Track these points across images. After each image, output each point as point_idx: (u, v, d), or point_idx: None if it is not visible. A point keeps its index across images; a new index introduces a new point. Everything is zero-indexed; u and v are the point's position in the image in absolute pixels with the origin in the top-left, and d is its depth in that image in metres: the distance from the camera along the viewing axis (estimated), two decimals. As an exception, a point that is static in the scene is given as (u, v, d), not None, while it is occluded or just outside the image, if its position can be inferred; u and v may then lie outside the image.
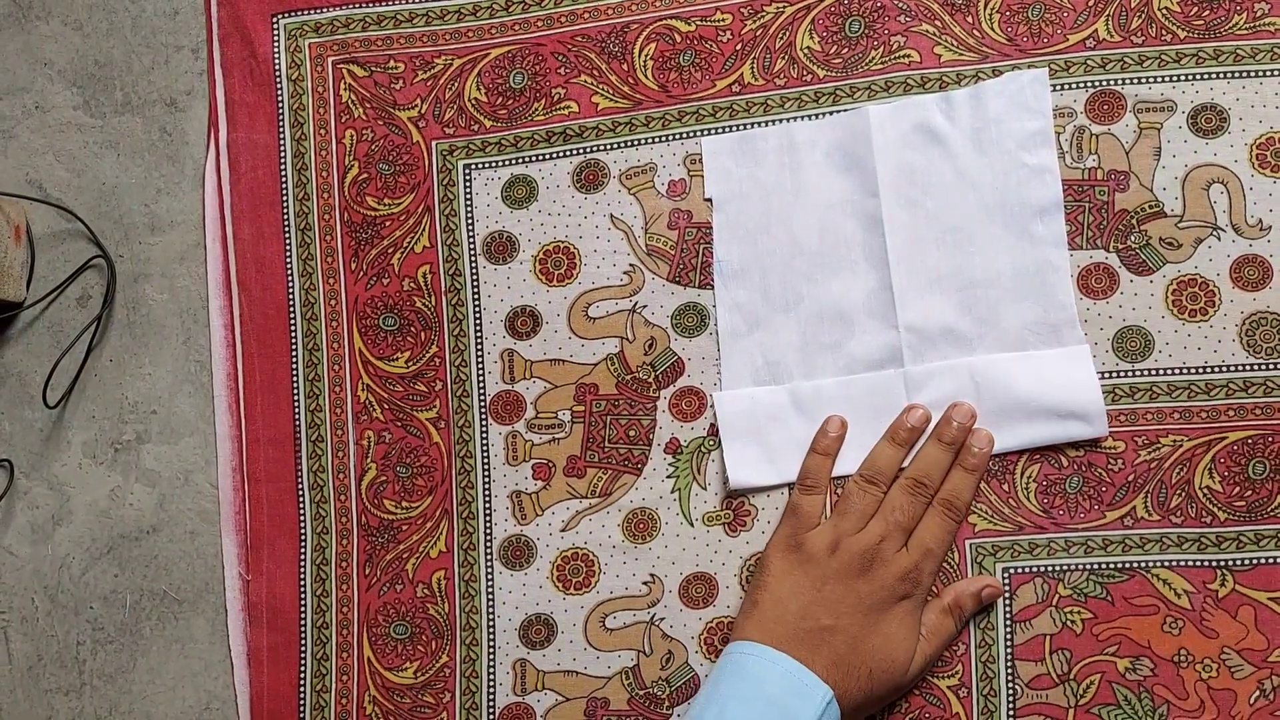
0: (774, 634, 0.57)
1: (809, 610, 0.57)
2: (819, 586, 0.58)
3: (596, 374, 0.65)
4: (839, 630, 0.57)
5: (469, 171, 0.67)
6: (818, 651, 0.56)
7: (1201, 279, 0.60)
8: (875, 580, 0.58)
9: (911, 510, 0.60)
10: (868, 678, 0.56)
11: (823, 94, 0.64)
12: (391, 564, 0.65)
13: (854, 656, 0.56)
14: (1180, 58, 0.61)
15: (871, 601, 0.58)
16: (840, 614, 0.57)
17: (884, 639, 0.57)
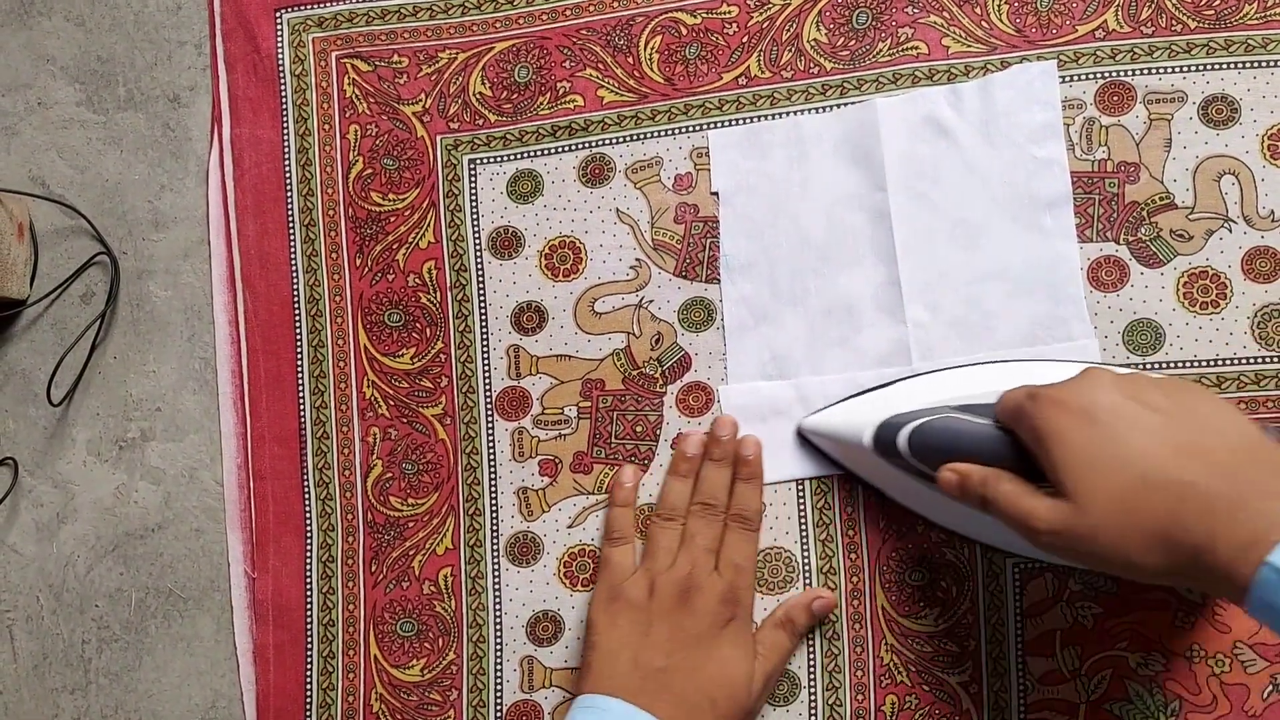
0: (613, 687, 0.56)
1: (640, 657, 0.57)
2: (645, 631, 0.58)
3: (603, 369, 0.65)
4: (674, 669, 0.56)
5: (474, 166, 0.67)
6: (659, 696, 0.55)
7: (1213, 271, 0.60)
8: (697, 609, 0.58)
9: (709, 532, 0.60)
10: (711, 708, 0.56)
11: (830, 87, 0.64)
12: (398, 561, 0.65)
13: (694, 691, 0.56)
14: (1191, 48, 0.61)
15: (698, 631, 0.57)
16: (671, 652, 0.57)
17: (719, 665, 0.57)
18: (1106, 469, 0.46)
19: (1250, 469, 0.44)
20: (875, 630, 0.61)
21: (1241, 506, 0.43)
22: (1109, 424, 0.47)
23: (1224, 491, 0.43)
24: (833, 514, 0.62)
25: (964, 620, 0.60)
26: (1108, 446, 0.46)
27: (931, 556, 0.61)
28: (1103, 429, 0.47)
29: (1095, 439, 0.46)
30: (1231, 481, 0.44)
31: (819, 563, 0.62)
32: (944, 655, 0.60)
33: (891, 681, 0.61)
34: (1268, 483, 0.43)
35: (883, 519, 0.61)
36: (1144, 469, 0.45)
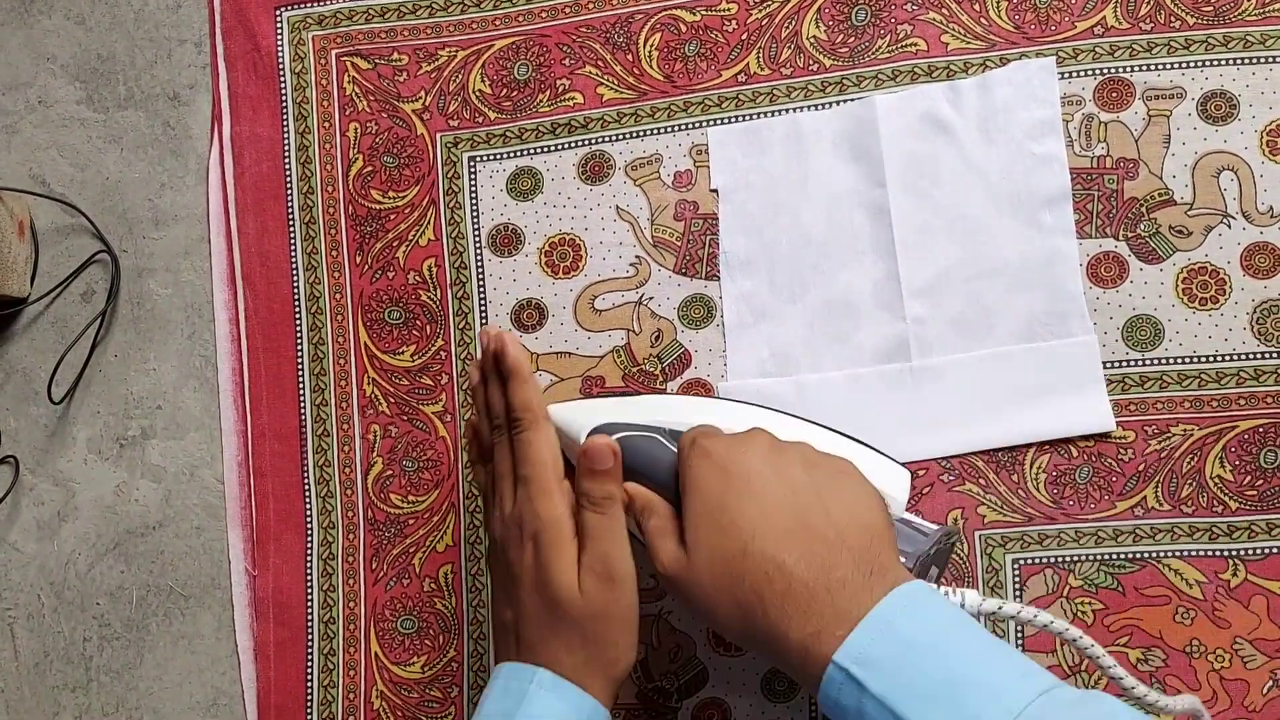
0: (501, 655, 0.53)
1: (496, 620, 0.54)
2: (494, 592, 0.55)
3: (603, 366, 0.65)
4: (518, 619, 0.52)
5: (474, 164, 0.67)
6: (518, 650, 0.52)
7: (1212, 267, 0.60)
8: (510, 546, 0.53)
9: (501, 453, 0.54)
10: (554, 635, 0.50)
11: (829, 83, 0.64)
12: (398, 558, 0.65)
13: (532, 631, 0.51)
14: (1189, 44, 0.61)
15: (514, 572, 0.52)
16: (509, 601, 0.53)
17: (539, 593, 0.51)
18: (719, 531, 0.47)
19: (845, 560, 0.45)
20: (875, 626, 0.61)
21: (819, 596, 0.44)
22: (738, 488, 0.47)
23: (807, 579, 0.44)
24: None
25: (964, 616, 0.60)
26: (728, 510, 0.47)
27: (931, 552, 0.61)
28: (731, 491, 0.47)
29: (721, 499, 0.47)
30: (819, 569, 0.44)
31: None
32: (944, 651, 0.60)
33: (891, 677, 0.61)
34: (849, 575, 0.44)
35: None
36: (747, 540, 0.46)
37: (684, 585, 0.47)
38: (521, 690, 0.49)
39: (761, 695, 0.62)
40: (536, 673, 0.50)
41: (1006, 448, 0.60)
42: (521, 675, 0.50)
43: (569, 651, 0.50)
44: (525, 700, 0.49)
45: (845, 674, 0.42)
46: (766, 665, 0.62)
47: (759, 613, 0.45)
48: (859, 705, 0.41)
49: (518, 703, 0.49)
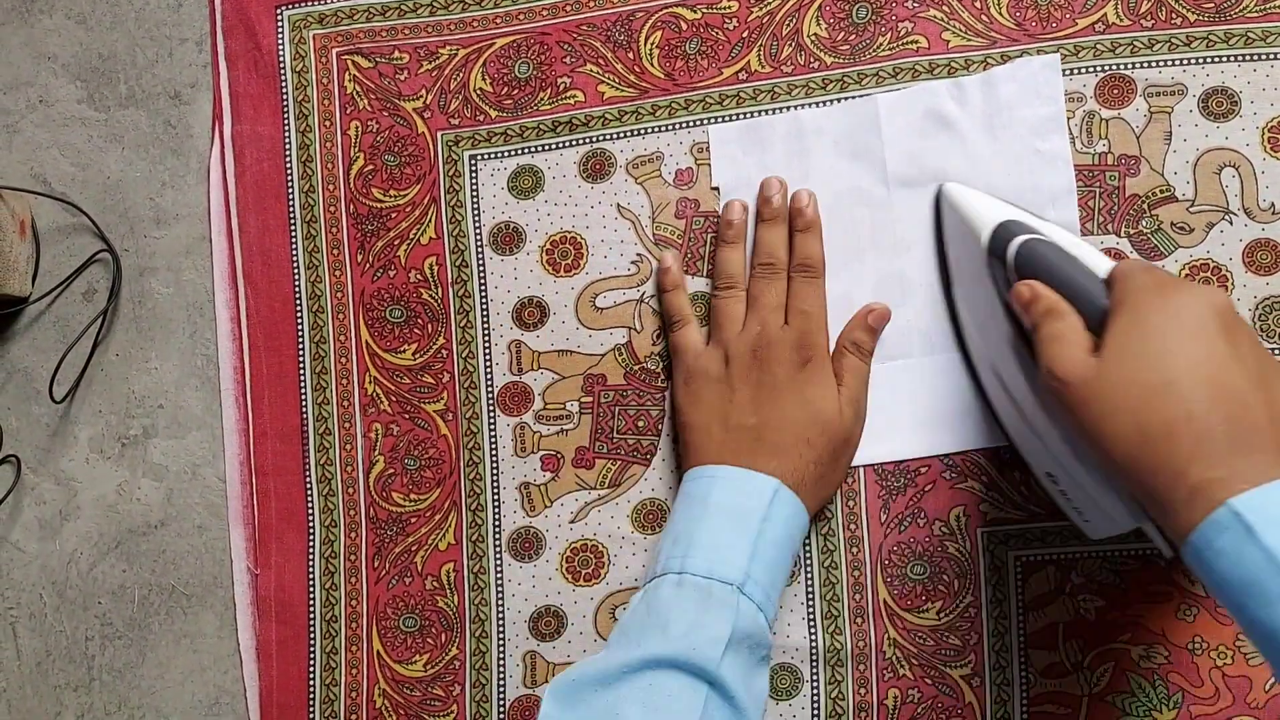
0: (711, 456, 0.59)
1: (728, 422, 0.59)
2: (729, 398, 0.60)
3: (604, 364, 0.65)
4: (763, 423, 0.58)
5: (475, 162, 0.67)
6: (756, 452, 0.58)
7: (1213, 263, 0.60)
8: (772, 363, 0.59)
9: (773, 290, 0.61)
10: (808, 445, 0.58)
11: (830, 81, 0.64)
12: (400, 557, 0.65)
13: (787, 437, 0.58)
14: (1190, 41, 0.61)
15: (776, 383, 0.59)
16: (758, 409, 0.59)
17: (804, 406, 0.59)
18: (1149, 356, 0.45)
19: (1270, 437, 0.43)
20: (878, 624, 0.61)
21: (1236, 450, 0.43)
22: (1185, 327, 0.46)
23: (1229, 433, 0.43)
24: (834, 508, 0.62)
25: (966, 614, 0.60)
26: (1167, 341, 0.46)
27: (933, 550, 0.61)
28: (1175, 327, 0.46)
29: (1161, 328, 0.46)
30: (1243, 430, 0.43)
31: (821, 557, 0.62)
32: (946, 649, 0.60)
33: (894, 675, 0.61)
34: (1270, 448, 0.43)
35: (884, 513, 0.61)
36: (1179, 375, 0.44)
37: (1081, 393, 0.46)
38: (764, 493, 0.56)
39: (764, 693, 0.62)
40: (772, 481, 0.57)
41: (1009, 445, 0.60)
42: (760, 483, 0.57)
43: (815, 464, 0.58)
44: (770, 502, 0.56)
45: (1237, 519, 0.41)
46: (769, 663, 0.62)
47: (1163, 443, 0.43)
48: (1238, 551, 0.40)
49: (762, 503, 0.56)
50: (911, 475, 0.61)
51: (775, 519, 0.56)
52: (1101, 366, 0.46)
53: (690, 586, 0.54)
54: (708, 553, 0.55)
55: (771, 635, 0.56)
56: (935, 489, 0.61)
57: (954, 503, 0.61)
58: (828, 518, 0.62)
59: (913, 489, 0.61)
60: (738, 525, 0.56)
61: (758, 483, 0.57)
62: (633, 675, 0.52)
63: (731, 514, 0.56)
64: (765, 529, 0.56)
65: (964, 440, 0.61)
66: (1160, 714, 0.58)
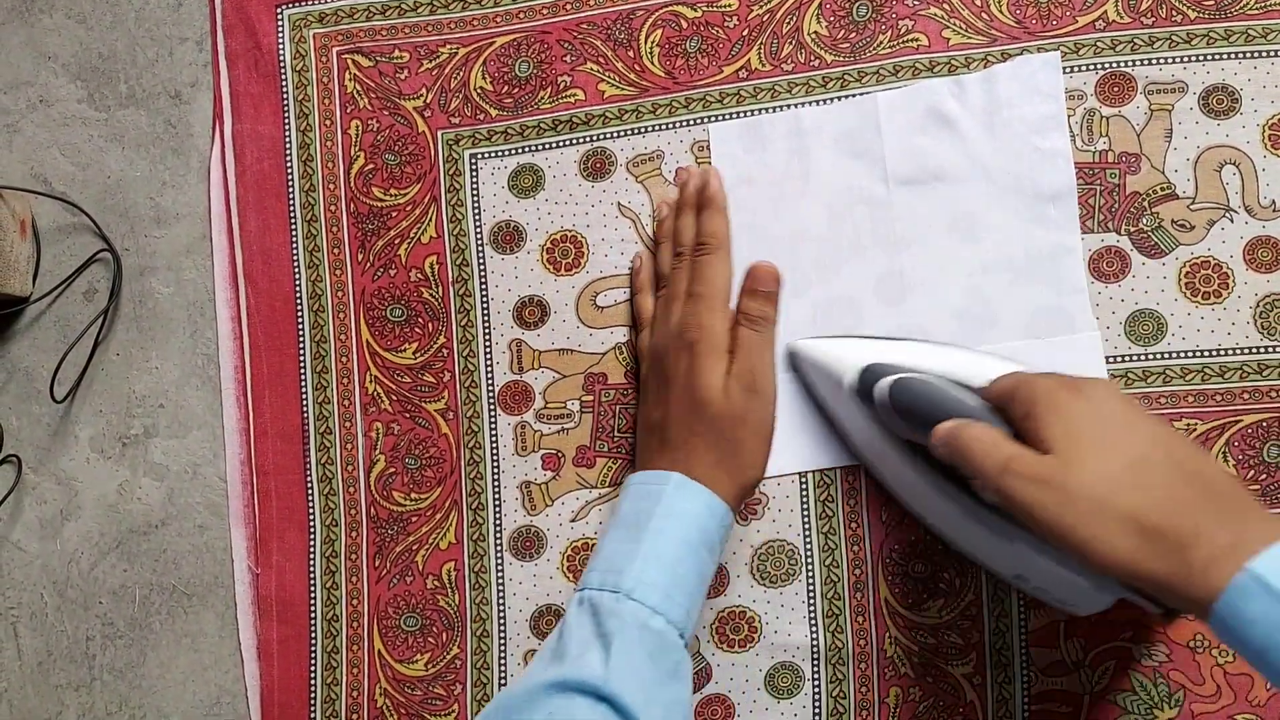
0: (644, 460, 0.59)
1: (644, 423, 0.60)
2: (644, 399, 0.61)
3: (605, 363, 0.65)
4: (664, 419, 0.58)
5: (475, 161, 0.67)
6: (660, 451, 0.58)
7: (1214, 261, 0.60)
8: (668, 354, 0.59)
9: (680, 276, 0.60)
10: (694, 435, 0.56)
11: (831, 79, 0.64)
12: (401, 556, 0.65)
13: (675, 429, 0.57)
14: (1191, 38, 0.61)
15: (669, 374, 0.58)
16: (659, 403, 0.59)
17: (688, 393, 0.57)
18: (1106, 439, 0.45)
19: (1237, 491, 0.44)
20: (879, 622, 0.61)
21: (1239, 508, 0.43)
22: (1117, 416, 0.46)
23: (1229, 491, 0.43)
24: (835, 506, 0.62)
25: (968, 612, 0.60)
26: (1111, 422, 0.46)
27: (934, 548, 0.61)
28: (1109, 417, 0.46)
29: (1096, 415, 0.46)
30: (1231, 487, 0.44)
31: (821, 555, 0.62)
32: (947, 647, 0.60)
33: (895, 673, 0.61)
34: (1258, 507, 0.44)
35: (885, 512, 0.61)
36: (1140, 458, 0.44)
37: (1053, 492, 0.44)
38: (657, 492, 0.55)
39: (765, 692, 0.62)
40: (670, 476, 0.55)
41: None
42: (656, 479, 0.56)
43: (706, 449, 0.56)
44: (661, 500, 0.54)
45: (1259, 582, 0.40)
46: (770, 662, 0.61)
47: (1159, 527, 0.43)
48: (1267, 615, 0.40)
49: (655, 502, 0.54)
50: (912, 473, 0.61)
51: (671, 514, 0.54)
52: (1063, 464, 0.45)
53: (587, 603, 0.53)
54: (604, 564, 0.54)
55: (683, 640, 0.53)
56: (936, 487, 0.61)
57: (955, 501, 0.61)
58: (828, 515, 0.62)
59: (914, 487, 0.61)
60: (632, 530, 0.54)
61: (653, 483, 0.56)
62: (543, 699, 0.50)
63: (629, 521, 0.55)
64: (663, 527, 0.54)
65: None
66: (1161, 712, 0.58)
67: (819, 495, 0.62)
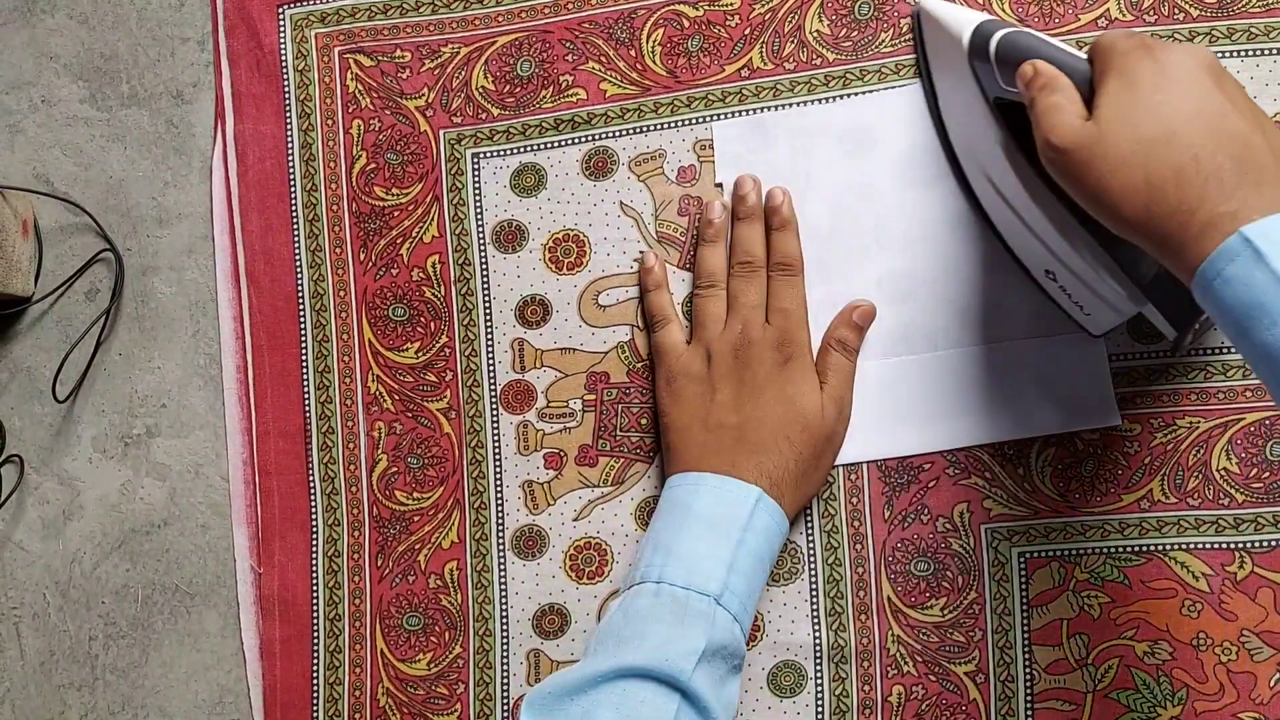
0: (693, 459, 0.59)
1: (709, 421, 0.59)
2: (710, 398, 0.60)
3: (607, 362, 0.65)
4: (744, 421, 0.59)
5: (477, 160, 0.67)
6: (737, 452, 0.58)
7: (1217, 259, 0.60)
8: (753, 361, 0.60)
9: (752, 288, 0.61)
10: (788, 443, 0.58)
11: (833, 78, 0.64)
12: (403, 555, 0.65)
13: (767, 435, 0.58)
14: (1193, 36, 0.61)
15: (758, 381, 0.59)
16: (739, 407, 0.59)
17: (785, 403, 0.59)
18: (1146, 112, 0.45)
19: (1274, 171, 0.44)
20: (881, 621, 0.61)
21: (1243, 185, 0.43)
22: (1178, 82, 0.46)
23: (1235, 170, 0.43)
24: (838, 505, 0.62)
25: (970, 610, 0.60)
26: (1160, 96, 0.46)
27: (937, 547, 0.61)
28: (1166, 83, 0.46)
29: (1154, 84, 0.46)
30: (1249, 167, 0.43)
31: (824, 554, 0.62)
32: (950, 645, 0.60)
33: (898, 672, 0.61)
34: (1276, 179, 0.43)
35: (888, 510, 0.61)
36: (1178, 126, 0.45)
37: (1083, 155, 0.46)
38: (745, 502, 0.56)
39: (768, 691, 0.61)
40: (752, 490, 0.57)
41: (1012, 441, 0.60)
42: (740, 490, 0.57)
43: (796, 461, 0.58)
44: (752, 514, 0.56)
45: (1247, 244, 0.41)
46: (773, 661, 0.61)
47: (1172, 187, 0.44)
48: (1247, 275, 0.41)
49: (744, 512, 0.56)
50: (915, 471, 0.61)
51: (756, 529, 0.56)
52: (1099, 129, 0.46)
53: (667, 596, 0.54)
54: (686, 563, 0.55)
55: (744, 644, 0.56)
56: (939, 485, 0.61)
57: (957, 499, 0.61)
58: (830, 514, 0.62)
59: (916, 485, 0.61)
60: (717, 535, 0.56)
61: (740, 492, 0.57)
62: (608, 683, 0.52)
63: (712, 523, 0.56)
64: (745, 539, 0.56)
65: (967, 436, 0.61)
66: (1165, 710, 0.58)
67: (821, 493, 0.62)
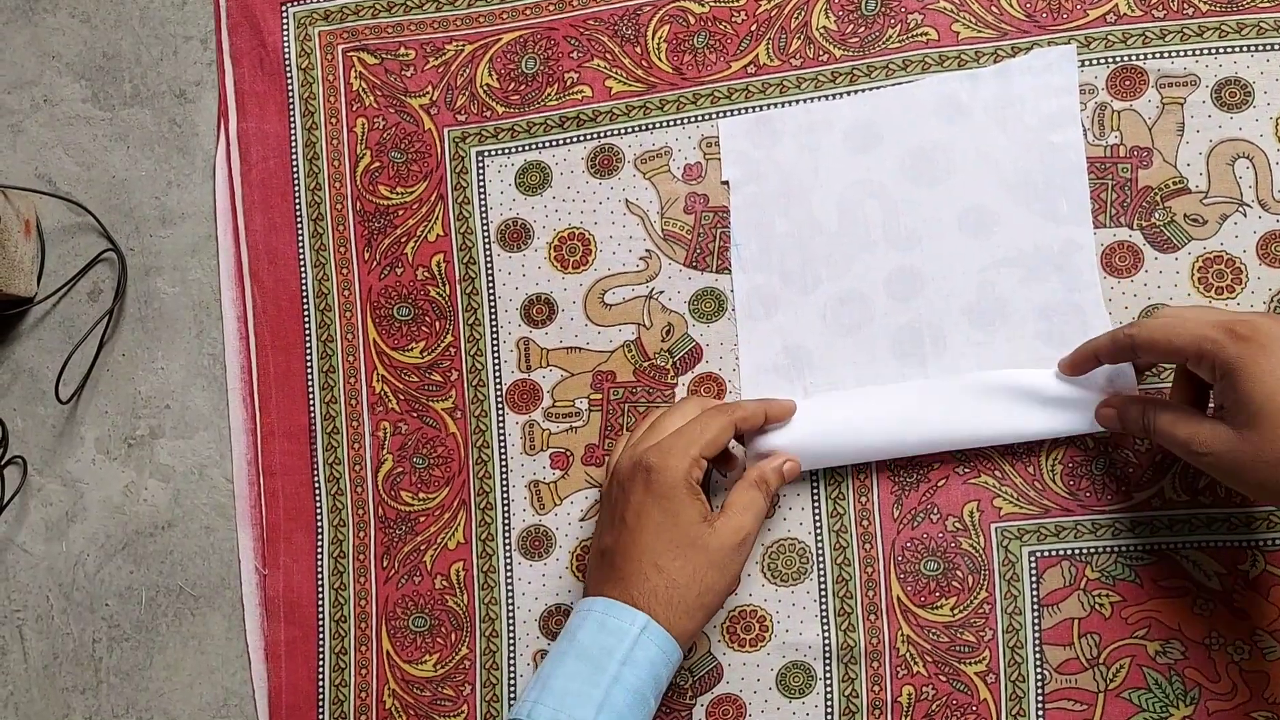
0: (591, 583, 0.58)
1: (599, 543, 0.58)
2: (604, 516, 0.59)
3: (613, 361, 0.64)
4: (616, 548, 0.56)
5: (482, 158, 0.66)
6: (609, 578, 0.56)
7: (1227, 256, 0.59)
8: (629, 482, 0.57)
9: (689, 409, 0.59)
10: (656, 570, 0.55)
11: (840, 74, 0.63)
12: (409, 556, 0.65)
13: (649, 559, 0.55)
14: (1203, 31, 0.60)
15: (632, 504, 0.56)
16: (611, 528, 0.57)
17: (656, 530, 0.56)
18: None
19: None
20: (891, 621, 0.60)
21: None
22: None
23: None
24: (847, 504, 0.61)
25: (980, 610, 0.60)
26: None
27: (947, 546, 0.60)
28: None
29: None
30: None
31: (833, 554, 0.61)
32: (961, 645, 0.60)
33: (908, 672, 0.60)
34: None
35: (897, 509, 0.61)
36: None
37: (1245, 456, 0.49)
38: (628, 631, 0.53)
39: (777, 692, 0.61)
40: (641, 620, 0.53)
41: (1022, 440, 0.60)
42: (628, 619, 0.54)
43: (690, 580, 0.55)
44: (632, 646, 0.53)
45: None
46: (781, 661, 0.61)
47: None
48: None
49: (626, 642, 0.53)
50: (924, 471, 0.61)
51: (636, 662, 0.53)
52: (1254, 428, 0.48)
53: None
54: (557, 700, 0.52)
55: None
56: (948, 484, 0.61)
57: (967, 498, 0.60)
58: (839, 514, 0.61)
59: (925, 485, 0.61)
60: (593, 670, 0.53)
61: (625, 619, 0.54)
62: None
63: (589, 656, 0.53)
64: (622, 674, 0.52)
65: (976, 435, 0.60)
66: (1177, 710, 0.58)
67: (830, 493, 0.62)
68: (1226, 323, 0.49)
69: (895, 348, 0.62)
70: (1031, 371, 0.59)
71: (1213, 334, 0.49)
